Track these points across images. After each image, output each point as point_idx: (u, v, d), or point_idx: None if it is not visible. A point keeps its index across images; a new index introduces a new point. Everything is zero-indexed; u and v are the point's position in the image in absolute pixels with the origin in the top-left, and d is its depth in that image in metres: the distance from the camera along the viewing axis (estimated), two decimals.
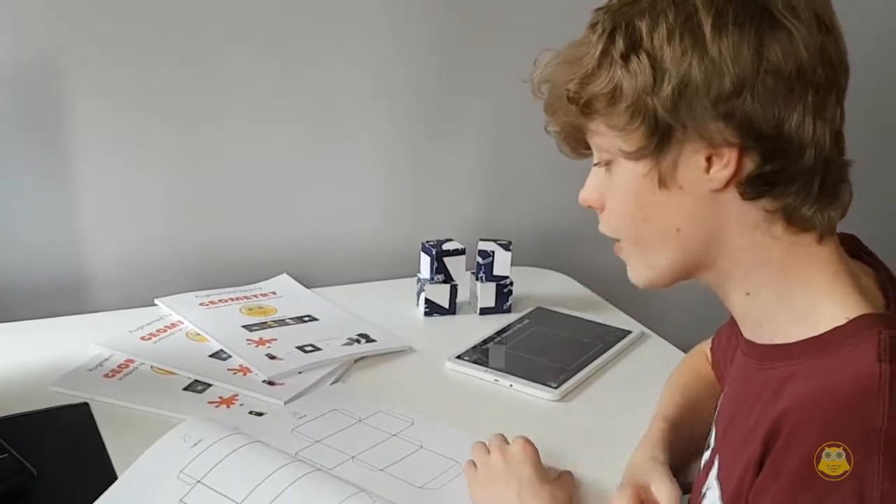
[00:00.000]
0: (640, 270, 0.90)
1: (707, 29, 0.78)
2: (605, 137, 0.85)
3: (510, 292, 1.54)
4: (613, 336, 1.45)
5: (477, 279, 1.54)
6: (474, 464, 1.06)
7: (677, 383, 1.16)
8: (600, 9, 0.85)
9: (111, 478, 1.02)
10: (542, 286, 1.65)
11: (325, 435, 1.14)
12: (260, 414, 1.20)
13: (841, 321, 0.80)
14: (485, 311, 1.53)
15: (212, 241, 1.60)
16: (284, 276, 1.62)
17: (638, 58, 0.80)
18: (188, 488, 0.97)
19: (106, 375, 1.27)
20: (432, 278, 1.53)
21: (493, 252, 1.54)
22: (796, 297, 0.83)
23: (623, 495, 0.96)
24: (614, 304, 1.60)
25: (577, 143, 0.91)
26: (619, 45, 0.81)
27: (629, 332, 1.47)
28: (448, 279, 1.53)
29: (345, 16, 1.57)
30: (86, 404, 1.20)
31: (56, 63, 1.41)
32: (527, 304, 1.56)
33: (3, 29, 1.37)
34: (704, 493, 0.90)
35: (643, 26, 0.80)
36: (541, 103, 0.88)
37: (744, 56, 0.78)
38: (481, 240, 1.56)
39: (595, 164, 0.90)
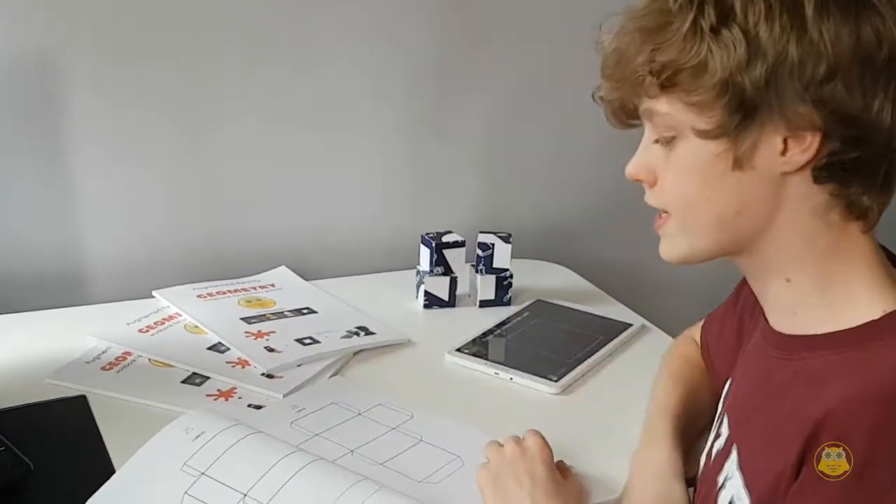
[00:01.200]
0: (678, 248, 0.87)
1: (809, 9, 0.76)
2: (676, 114, 0.81)
3: (510, 285, 1.54)
4: (614, 329, 1.45)
5: (477, 272, 1.54)
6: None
7: (674, 374, 1.15)
8: None
9: (109, 471, 1.02)
10: (542, 279, 1.64)
11: (324, 428, 1.14)
12: (259, 407, 1.20)
13: (876, 315, 0.79)
14: (484, 304, 1.53)
15: (210, 233, 1.59)
16: (283, 268, 1.62)
17: (731, 32, 0.77)
18: (192, 481, 0.97)
19: (103, 368, 1.27)
20: (432, 271, 1.52)
21: (492, 244, 1.53)
22: (835, 287, 0.83)
23: None
24: (615, 296, 1.60)
25: (629, 114, 0.87)
26: (710, 16, 0.77)
27: (629, 325, 1.46)
28: (448, 271, 1.52)
29: (344, 10, 1.56)
30: (83, 397, 1.19)
31: (55, 60, 1.41)
32: (527, 296, 1.55)
33: (2, 27, 1.37)
34: (723, 483, 0.89)
35: None
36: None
37: (843, 40, 0.76)
38: (481, 232, 1.55)
39: (654, 141, 0.86)
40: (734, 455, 0.88)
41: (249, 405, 1.20)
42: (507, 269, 1.54)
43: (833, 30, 0.76)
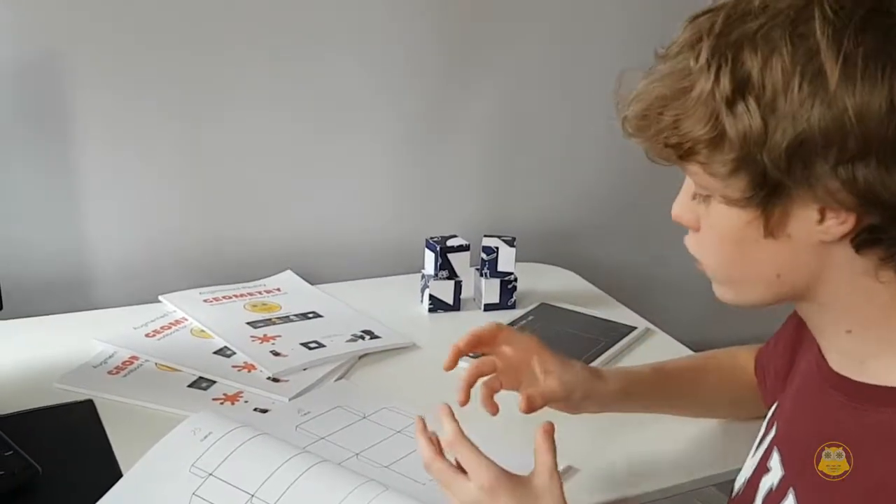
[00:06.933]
0: (728, 296, 0.83)
1: (833, 76, 0.67)
2: (704, 178, 0.76)
3: (514, 288, 1.54)
4: (618, 332, 1.45)
5: (481, 275, 1.54)
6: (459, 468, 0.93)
7: (706, 356, 1.16)
8: (699, 17, 0.74)
9: (116, 474, 1.03)
10: (546, 282, 1.64)
11: (329, 432, 1.14)
12: (264, 411, 1.20)
13: None
14: (489, 308, 1.53)
15: (216, 238, 1.60)
16: (289, 272, 1.62)
17: (746, 104, 0.69)
18: (200, 481, 0.97)
19: (110, 372, 1.28)
20: (436, 274, 1.52)
21: (497, 248, 1.54)
22: None
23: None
24: (619, 299, 1.60)
25: (666, 158, 0.80)
26: (725, 85, 0.70)
27: (634, 327, 1.47)
28: (452, 275, 1.53)
29: (349, 12, 1.57)
30: (90, 401, 1.20)
31: (58, 61, 1.41)
32: (531, 300, 1.56)
33: (6, 26, 1.37)
34: None
35: (754, 63, 0.69)
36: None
37: (873, 113, 0.67)
38: (485, 236, 1.56)
39: (692, 197, 0.80)
40: (791, 499, 0.82)
41: (255, 409, 1.21)
42: (511, 273, 1.54)
43: (862, 98, 0.67)
